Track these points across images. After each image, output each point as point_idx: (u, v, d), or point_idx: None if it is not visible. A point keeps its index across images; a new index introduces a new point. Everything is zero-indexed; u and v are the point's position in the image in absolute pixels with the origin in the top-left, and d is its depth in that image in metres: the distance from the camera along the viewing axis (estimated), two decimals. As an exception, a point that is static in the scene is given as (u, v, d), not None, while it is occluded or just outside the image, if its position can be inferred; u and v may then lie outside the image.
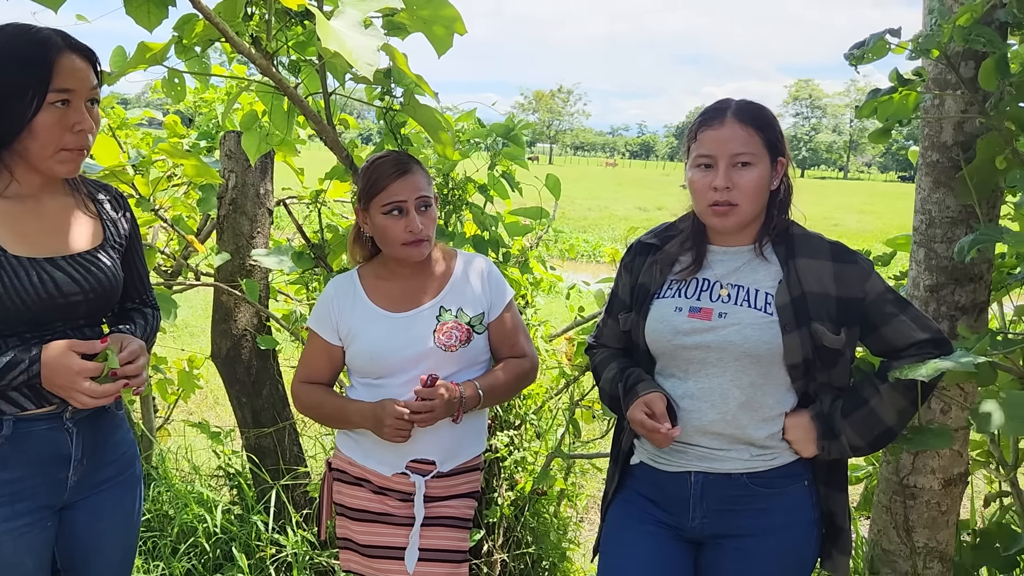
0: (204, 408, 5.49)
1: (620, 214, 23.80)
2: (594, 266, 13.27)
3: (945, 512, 2.42)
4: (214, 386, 5.34)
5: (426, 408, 1.89)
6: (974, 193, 2.06)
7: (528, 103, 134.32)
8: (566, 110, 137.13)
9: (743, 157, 1.69)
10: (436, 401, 1.89)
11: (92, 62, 1.65)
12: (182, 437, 4.33)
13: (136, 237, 1.88)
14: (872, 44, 1.84)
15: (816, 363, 1.71)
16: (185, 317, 7.77)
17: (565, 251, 4.14)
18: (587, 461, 3.50)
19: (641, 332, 1.83)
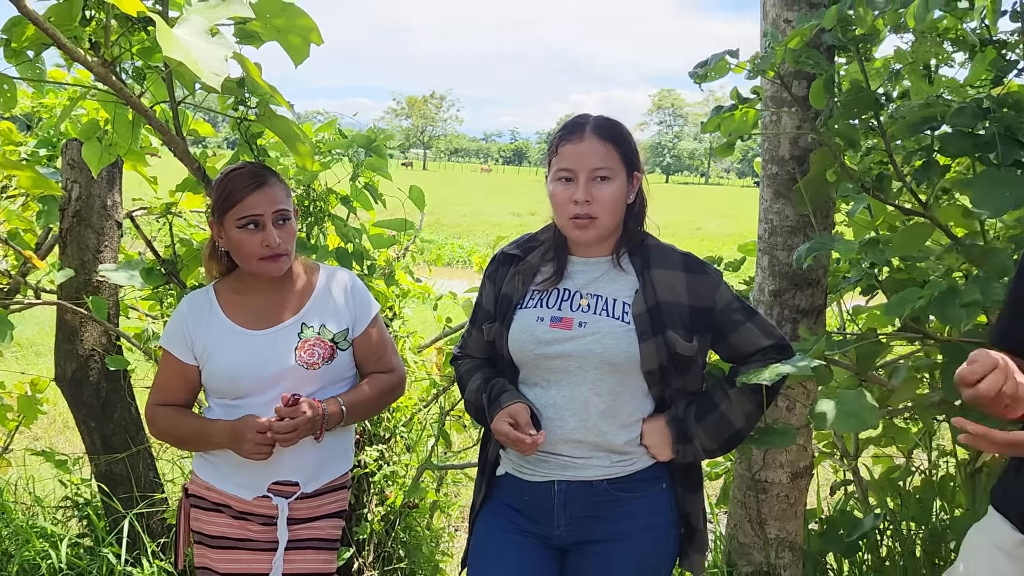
0: (52, 434, 5.13)
1: (494, 220, 23.98)
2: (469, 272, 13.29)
3: (794, 504, 2.57)
4: (62, 410, 4.99)
5: (287, 428, 1.84)
6: (809, 204, 2.20)
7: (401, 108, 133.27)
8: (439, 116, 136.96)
9: (602, 171, 1.73)
10: (298, 419, 1.85)
11: None
12: (24, 467, 4.02)
13: None
14: (713, 64, 1.94)
15: (671, 370, 1.77)
16: (30, 336, 7.23)
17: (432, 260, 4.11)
18: (460, 471, 3.50)
19: (505, 342, 1.85)
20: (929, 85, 2.24)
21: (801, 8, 2.22)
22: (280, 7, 2.03)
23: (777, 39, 1.94)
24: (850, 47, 2.06)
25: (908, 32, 2.09)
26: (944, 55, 2.16)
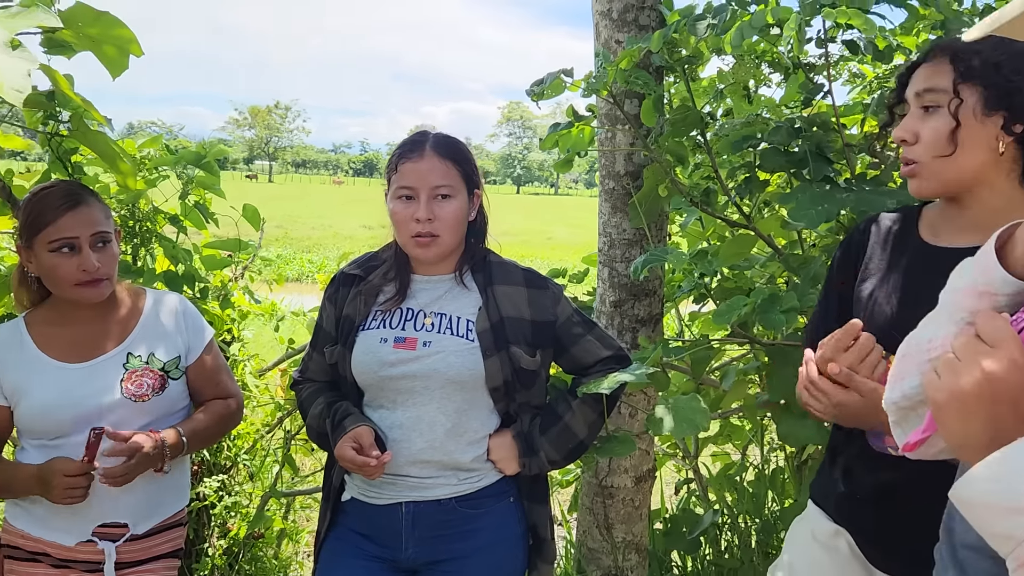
0: None
1: (346, 233, 23.56)
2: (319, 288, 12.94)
3: (638, 507, 2.66)
4: None
5: (119, 472, 1.71)
6: (644, 218, 2.29)
7: (243, 119, 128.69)
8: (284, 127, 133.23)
9: (443, 189, 1.73)
10: (134, 455, 1.72)
11: None
12: None
13: None
14: (549, 82, 1.98)
15: (516, 385, 1.79)
16: None
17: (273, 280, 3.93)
18: (308, 496, 3.39)
19: (348, 365, 1.81)
20: (749, 104, 2.39)
21: (631, 30, 2.31)
22: (94, 16, 1.89)
23: (609, 59, 2.01)
24: (676, 68, 2.17)
25: (729, 55, 2.22)
26: (761, 76, 2.31)
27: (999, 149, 1.33)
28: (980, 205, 1.38)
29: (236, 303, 2.76)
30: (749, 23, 1.69)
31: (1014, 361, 0.77)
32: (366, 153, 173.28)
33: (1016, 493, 0.72)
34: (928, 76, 1.37)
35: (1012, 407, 0.77)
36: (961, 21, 1.82)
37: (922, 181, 1.39)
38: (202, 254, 2.61)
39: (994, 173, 1.36)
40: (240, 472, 2.81)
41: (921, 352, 0.96)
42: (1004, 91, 1.31)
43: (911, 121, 1.39)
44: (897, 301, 1.42)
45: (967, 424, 0.79)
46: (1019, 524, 0.72)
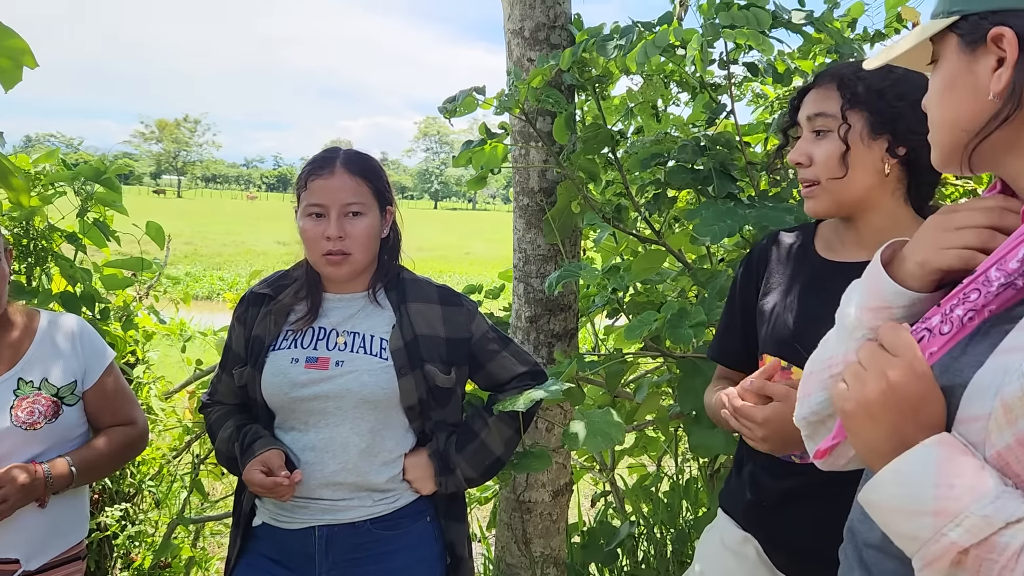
0: None
1: (259, 249, 23.04)
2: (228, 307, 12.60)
3: (556, 520, 2.67)
4: None
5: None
6: (558, 233, 2.31)
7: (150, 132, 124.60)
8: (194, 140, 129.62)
9: (354, 207, 1.71)
10: (6, 490, 1.63)
11: None
12: None
13: None
14: (462, 100, 1.99)
15: (431, 403, 1.77)
16: None
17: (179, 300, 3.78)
18: (219, 522, 3.28)
19: (258, 386, 1.76)
20: (657, 123, 2.45)
21: (543, 49, 2.34)
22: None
23: (520, 78, 2.03)
24: (587, 87, 2.21)
25: (638, 75, 2.28)
26: (669, 96, 2.37)
27: (884, 171, 1.41)
28: (869, 223, 1.45)
29: (140, 324, 2.65)
30: (652, 42, 1.74)
31: (915, 370, 0.80)
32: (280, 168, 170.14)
33: (919, 496, 0.76)
34: (817, 101, 1.44)
35: (913, 414, 0.80)
36: (851, 47, 1.91)
37: (818, 201, 1.45)
38: (103, 273, 2.50)
39: (880, 193, 1.43)
40: (145, 499, 2.70)
41: (823, 370, 1.00)
42: (888, 116, 1.38)
43: (804, 144, 1.45)
44: (797, 315, 1.48)
45: (873, 431, 0.82)
46: (923, 525, 0.75)
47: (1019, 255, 0.80)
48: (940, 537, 0.74)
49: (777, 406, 1.38)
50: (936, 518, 0.74)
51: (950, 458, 0.76)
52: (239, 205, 66.33)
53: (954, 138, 0.90)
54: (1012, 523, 0.71)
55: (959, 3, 0.88)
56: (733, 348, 1.65)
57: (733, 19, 1.67)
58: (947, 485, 0.75)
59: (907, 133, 1.37)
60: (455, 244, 24.94)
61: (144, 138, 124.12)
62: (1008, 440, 0.75)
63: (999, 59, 0.84)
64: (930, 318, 0.85)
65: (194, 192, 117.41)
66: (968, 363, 0.82)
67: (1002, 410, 0.75)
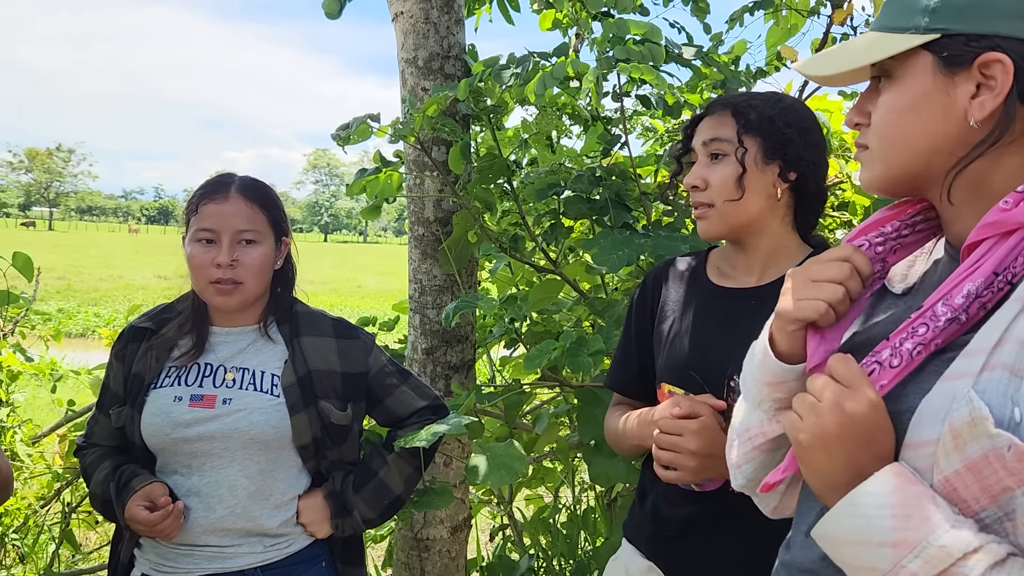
0: None
1: (138, 283, 21.99)
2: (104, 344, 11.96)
3: (455, 557, 2.61)
4: None
5: None
6: (454, 264, 2.29)
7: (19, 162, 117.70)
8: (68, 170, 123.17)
9: (248, 234, 1.64)
10: None
11: None
12: None
13: None
14: (356, 127, 1.95)
15: (326, 441, 1.70)
16: None
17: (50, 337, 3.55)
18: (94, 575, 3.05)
19: (137, 427, 1.65)
20: (552, 154, 2.48)
21: (437, 78, 2.33)
22: None
23: (415, 106, 2.01)
24: (482, 116, 2.21)
25: (532, 105, 2.30)
26: (563, 127, 2.40)
27: (776, 195, 1.46)
28: (758, 247, 1.49)
29: (5, 363, 2.46)
30: (551, 74, 1.75)
31: (871, 400, 0.80)
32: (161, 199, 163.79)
33: (876, 527, 0.76)
34: (713, 127, 1.48)
35: (867, 445, 0.80)
36: (739, 81, 2.00)
37: (712, 223, 1.48)
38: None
39: (770, 217, 1.48)
40: (8, 554, 2.48)
41: (745, 442, 1.01)
42: (779, 142, 1.44)
43: (700, 169, 1.49)
44: (691, 339, 1.50)
45: (829, 463, 0.82)
46: (882, 556, 0.75)
47: (963, 291, 0.80)
48: (900, 569, 0.73)
49: (706, 419, 1.39)
50: (895, 549, 0.74)
51: (904, 488, 0.76)
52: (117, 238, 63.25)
53: (920, 160, 0.87)
54: (969, 553, 0.72)
55: (943, 20, 0.83)
56: (630, 376, 1.66)
57: (628, 53, 1.71)
58: (903, 516, 0.74)
59: (796, 159, 1.43)
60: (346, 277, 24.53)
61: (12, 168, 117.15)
62: (956, 466, 0.75)
63: (978, 84, 0.82)
64: (880, 351, 0.85)
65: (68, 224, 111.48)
66: (914, 390, 0.82)
67: (950, 435, 0.75)
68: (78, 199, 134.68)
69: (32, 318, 2.72)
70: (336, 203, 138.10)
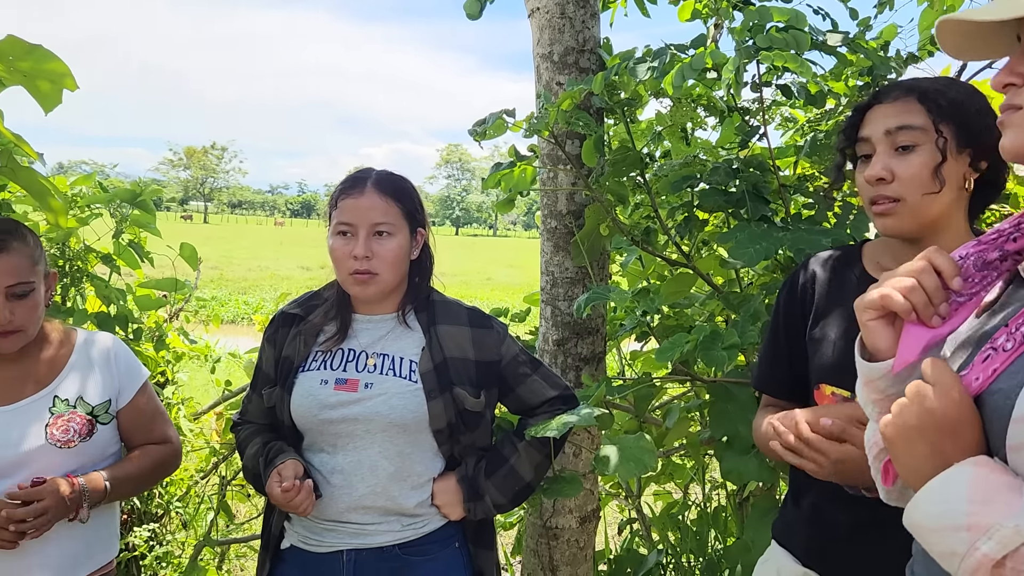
0: None
1: (283, 274, 23.22)
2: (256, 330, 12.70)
3: (583, 548, 2.63)
4: None
5: (34, 512, 1.62)
6: (586, 256, 2.31)
7: (178, 160, 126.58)
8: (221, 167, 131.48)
9: (382, 227, 1.71)
10: (47, 501, 1.63)
11: None
12: None
13: None
14: (492, 123, 2.00)
15: (460, 427, 1.76)
16: None
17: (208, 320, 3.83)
18: (244, 545, 3.27)
19: (286, 407, 1.76)
20: (687, 146, 2.45)
21: (572, 73, 2.35)
22: (26, 49, 1.84)
23: (550, 101, 2.04)
24: (616, 110, 2.21)
25: (667, 98, 2.28)
26: (698, 119, 2.37)
27: (966, 186, 1.35)
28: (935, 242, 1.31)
29: (171, 344, 2.67)
30: (689, 65, 1.74)
31: (952, 397, 0.85)
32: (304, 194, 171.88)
33: (953, 512, 0.79)
34: (898, 114, 1.36)
35: (952, 437, 0.84)
36: (888, 67, 1.90)
37: (901, 219, 1.37)
38: (136, 294, 2.53)
39: (956, 210, 1.37)
40: (172, 520, 2.70)
41: (870, 453, 1.04)
42: (974, 129, 1.33)
43: (885, 159, 1.36)
44: (848, 340, 1.38)
45: (913, 454, 0.87)
46: (959, 540, 0.78)
47: None
48: (974, 551, 0.76)
49: (852, 449, 1.30)
50: (970, 532, 0.77)
51: (985, 477, 0.80)
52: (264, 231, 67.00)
53: None
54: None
55: None
56: (780, 377, 1.60)
57: (771, 41, 1.66)
58: (981, 501, 0.78)
59: (988, 147, 1.30)
60: (477, 270, 24.98)
61: (172, 165, 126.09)
62: None
63: None
64: (997, 338, 0.88)
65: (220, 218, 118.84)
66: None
67: None
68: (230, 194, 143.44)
69: (193, 303, 2.94)
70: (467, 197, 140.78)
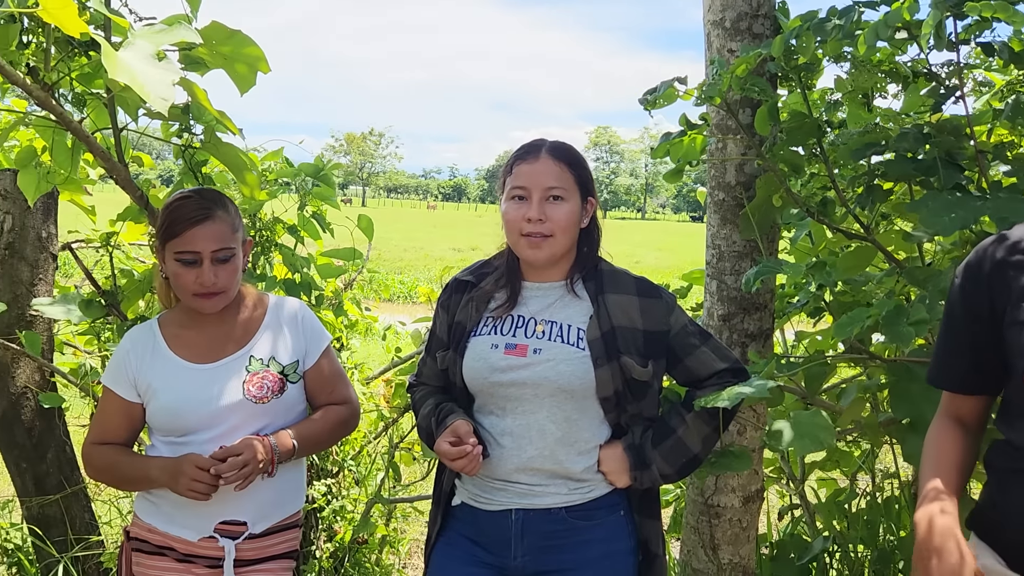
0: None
1: (435, 255, 23.93)
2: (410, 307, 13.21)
3: (746, 528, 2.58)
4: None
5: (237, 465, 1.76)
6: (756, 229, 2.24)
7: (339, 145, 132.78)
8: (378, 153, 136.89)
9: (556, 191, 1.74)
10: (245, 455, 1.77)
11: None
12: (-53, 514, 3.81)
13: None
14: (663, 91, 1.97)
15: (627, 395, 1.76)
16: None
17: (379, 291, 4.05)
18: (408, 505, 3.42)
19: (458, 370, 1.82)
20: (868, 113, 2.32)
21: (744, 38, 2.28)
22: (227, 34, 2.00)
23: (723, 66, 1.99)
24: (792, 76, 2.13)
25: (847, 63, 2.17)
26: (882, 83, 2.24)
27: None
28: None
29: (348, 311, 2.83)
30: (884, 22, 1.63)
31: None
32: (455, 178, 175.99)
33: None
34: None
35: None
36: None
37: None
38: (317, 263, 2.69)
39: None
40: (346, 478, 2.87)
41: None
42: None
43: None
44: None
45: None
46: None
47: None
48: None
49: None
50: None
51: None
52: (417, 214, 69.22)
53: None
54: None
55: None
56: (961, 370, 1.47)
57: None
58: None
59: None
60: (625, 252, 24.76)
61: (334, 151, 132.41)
62: None
63: None
64: None
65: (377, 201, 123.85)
66: None
67: None
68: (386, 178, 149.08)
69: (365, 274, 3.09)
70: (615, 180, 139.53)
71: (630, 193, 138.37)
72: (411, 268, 20.12)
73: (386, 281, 15.84)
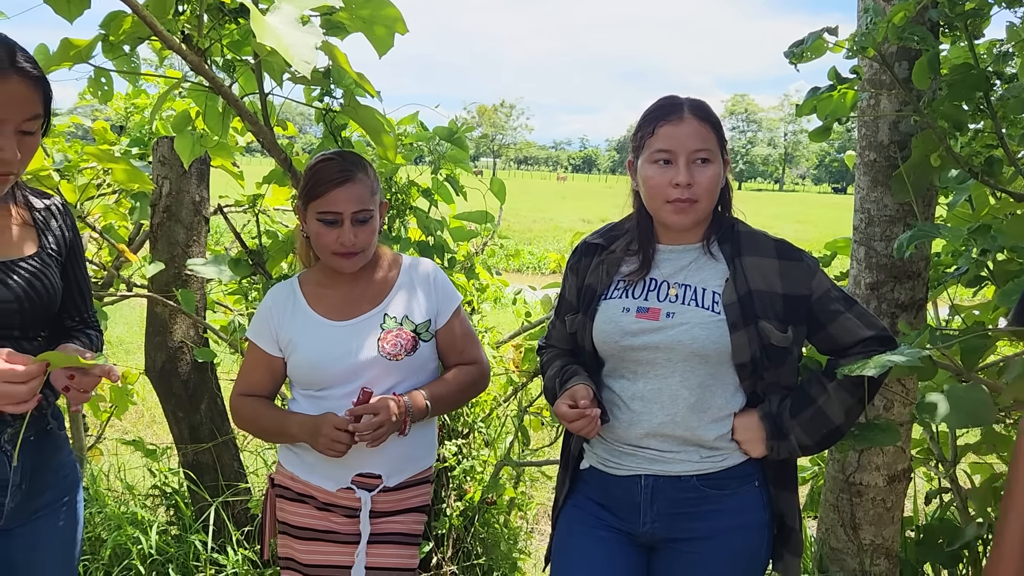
0: (140, 427, 5.30)
1: (565, 225, 23.95)
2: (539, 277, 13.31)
3: (890, 508, 2.44)
4: (150, 403, 5.16)
5: (372, 426, 1.82)
6: (911, 191, 2.09)
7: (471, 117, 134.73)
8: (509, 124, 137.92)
9: (703, 153, 1.68)
10: (381, 416, 1.83)
11: (39, 89, 1.50)
12: (115, 456, 4.16)
13: (77, 249, 1.76)
14: (811, 43, 1.86)
15: (764, 362, 1.69)
16: (120, 333, 7.51)
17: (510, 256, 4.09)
18: (536, 469, 3.45)
19: (588, 334, 1.80)
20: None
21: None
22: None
23: (879, 14, 1.85)
24: (957, 23, 1.95)
25: (1021, 7, 1.97)
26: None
27: None
28: None
29: (478, 275, 2.86)
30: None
31: None
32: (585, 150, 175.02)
33: None
34: None
35: None
36: None
37: None
38: (450, 226, 2.73)
39: None
40: (476, 439, 2.92)
41: None
42: None
43: None
44: None
45: None
46: None
47: None
48: None
49: None
50: None
51: None
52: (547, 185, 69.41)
53: None
54: None
55: None
56: None
57: None
58: None
59: None
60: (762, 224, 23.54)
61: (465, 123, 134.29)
62: None
63: None
64: None
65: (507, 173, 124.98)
66: None
67: None
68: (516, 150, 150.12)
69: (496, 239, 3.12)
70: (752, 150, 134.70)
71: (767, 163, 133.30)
72: (540, 239, 20.22)
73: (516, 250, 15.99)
